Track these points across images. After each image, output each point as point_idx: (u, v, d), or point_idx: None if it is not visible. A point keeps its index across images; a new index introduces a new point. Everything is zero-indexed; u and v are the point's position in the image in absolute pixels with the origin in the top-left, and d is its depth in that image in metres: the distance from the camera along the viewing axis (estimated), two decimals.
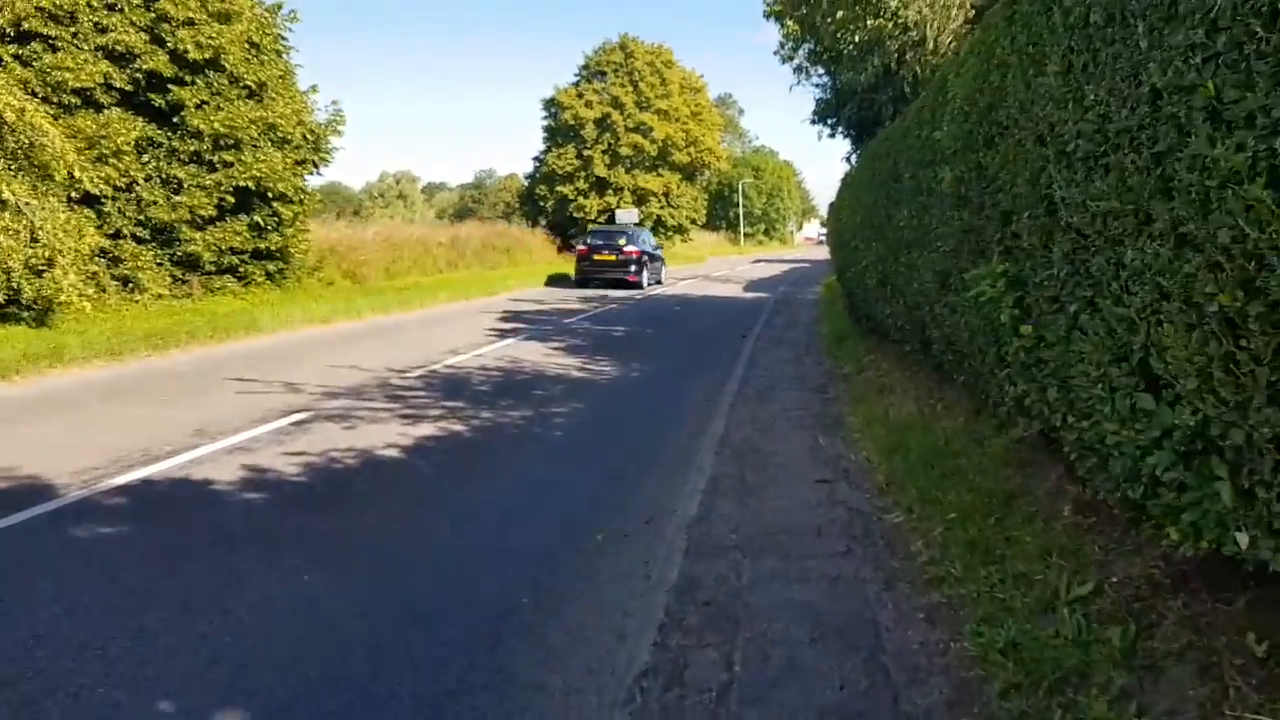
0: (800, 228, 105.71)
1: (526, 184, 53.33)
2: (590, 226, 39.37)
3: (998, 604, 3.54)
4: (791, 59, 18.86)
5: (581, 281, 28.91)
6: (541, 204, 49.19)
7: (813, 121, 21.06)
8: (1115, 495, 3.01)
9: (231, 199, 19.39)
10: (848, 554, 4.50)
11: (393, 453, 7.46)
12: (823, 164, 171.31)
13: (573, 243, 47.62)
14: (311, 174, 22.20)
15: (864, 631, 3.63)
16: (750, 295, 26.66)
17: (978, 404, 6.13)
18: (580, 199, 48.28)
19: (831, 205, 22.07)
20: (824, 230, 74.38)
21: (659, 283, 30.48)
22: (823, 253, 58.32)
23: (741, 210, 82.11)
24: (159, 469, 6.92)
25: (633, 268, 28.18)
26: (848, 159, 19.17)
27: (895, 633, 3.60)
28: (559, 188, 48.46)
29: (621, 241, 28.71)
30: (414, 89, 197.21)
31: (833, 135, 20.46)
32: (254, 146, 19.78)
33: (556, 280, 31.60)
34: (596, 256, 28.71)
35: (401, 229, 34.90)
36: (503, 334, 16.02)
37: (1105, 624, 3.05)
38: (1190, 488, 2.28)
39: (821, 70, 18.44)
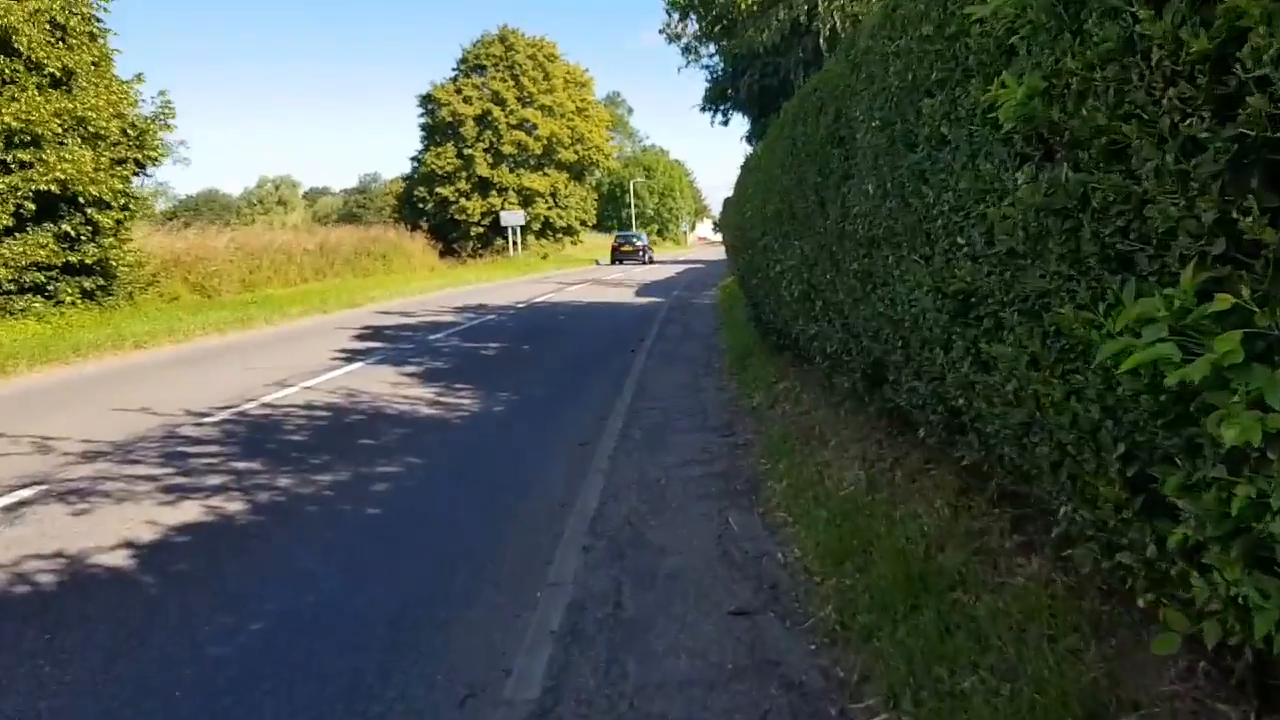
0: (693, 227, 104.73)
1: (403, 184, 50.31)
2: (616, 231, 63.09)
3: None
4: (679, 37, 16.84)
5: (614, 262, 48.41)
6: (421, 206, 46.38)
7: (704, 108, 19.06)
8: None
9: (32, 205, 16.31)
10: None
11: (118, 559, 5.12)
12: (715, 163, 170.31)
13: (456, 247, 45.11)
14: (136, 175, 19.20)
15: None
16: (643, 300, 24.67)
17: (963, 481, 4.14)
18: (462, 200, 45.67)
19: (727, 200, 20.23)
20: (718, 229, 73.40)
21: (651, 261, 49.94)
22: (717, 252, 57.17)
23: (634, 210, 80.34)
24: None
25: (641, 254, 49.24)
26: (749, 138, 17.15)
27: None
28: (439, 189, 45.73)
29: (635, 240, 52.00)
30: (295, 90, 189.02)
31: (726, 121, 18.54)
32: (59, 144, 16.76)
33: (600, 262, 49.72)
34: (623, 248, 49.87)
35: (261, 235, 31.68)
36: (351, 356, 13.55)
37: None
38: None
39: (713, 48, 16.45)
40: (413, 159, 49.25)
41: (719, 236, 71.30)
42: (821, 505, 4.81)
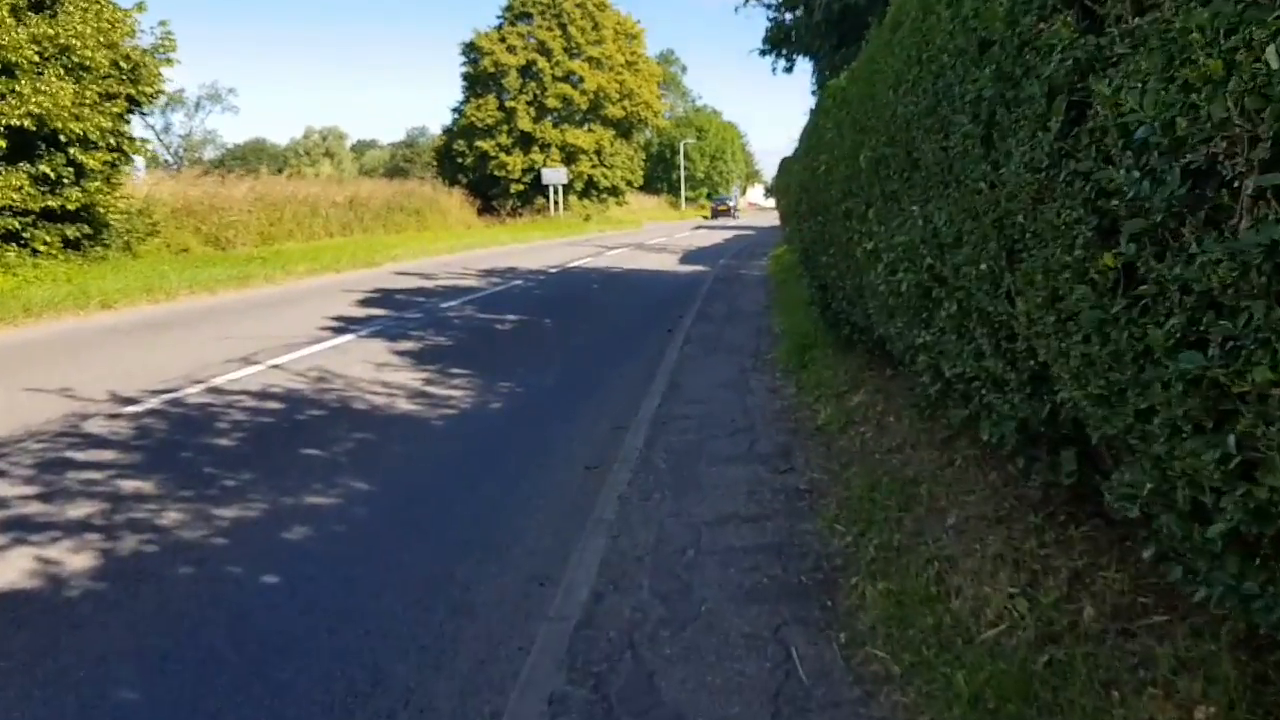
0: (744, 192, 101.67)
1: (444, 138, 48.36)
2: (714, 194, 78.66)
3: None
4: None
5: (713, 217, 64.03)
6: (460, 161, 44.41)
7: (764, 51, 16.73)
8: None
9: (2, 142, 14.63)
10: None
11: None
12: (769, 127, 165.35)
13: (494, 205, 43.24)
14: (129, 112, 17.47)
15: None
16: (686, 269, 22.59)
17: (1254, 661, 2.13)
18: (502, 155, 43.66)
19: (785, 160, 18.04)
20: (770, 195, 71.36)
21: (737, 215, 67.21)
22: (768, 219, 54.74)
23: (683, 173, 77.69)
24: None
25: (732, 212, 67.32)
26: (821, 75, 14.60)
27: None
28: (478, 143, 43.75)
29: (728, 201, 70.27)
30: (347, 40, 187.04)
31: (789, 66, 16.19)
32: (36, 74, 15.04)
33: (699, 225, 52.22)
34: (719, 208, 66.86)
35: (284, 186, 29.98)
36: (344, 327, 11.74)
37: None
38: None
39: None
40: (453, 110, 47.25)
41: (770, 202, 69.98)
42: (952, 654, 2.82)
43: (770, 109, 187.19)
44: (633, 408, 7.30)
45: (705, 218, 64.53)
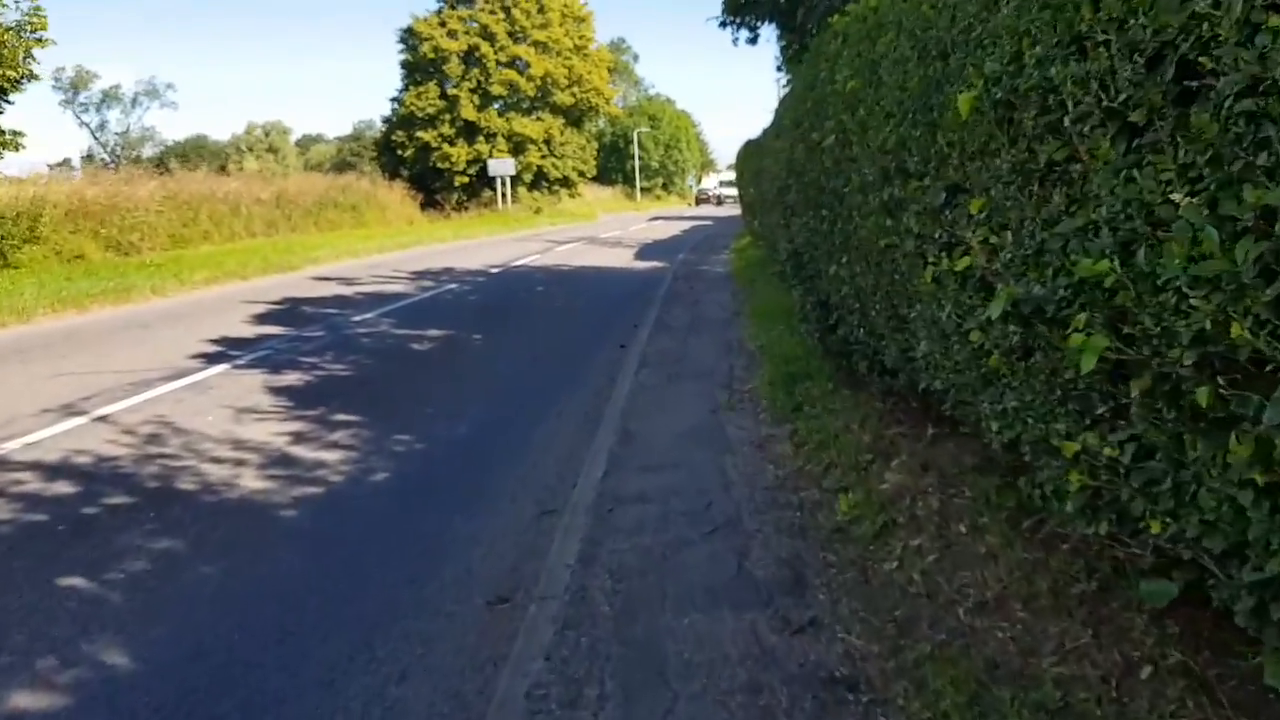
0: (700, 181, 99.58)
1: (382, 130, 45.58)
2: (698, 186, 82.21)
3: None
4: None
5: (698, 203, 71.68)
6: (400, 153, 41.78)
7: (723, 22, 14.68)
8: None
9: None
10: None
11: None
12: (724, 114, 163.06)
13: (438, 199, 40.87)
14: None
15: None
16: (643, 265, 20.53)
17: None
18: (445, 146, 41.15)
19: (749, 144, 16.05)
20: (721, 185, 71.48)
21: (720, 202, 66.91)
22: (724, 208, 52.57)
23: (637, 162, 75.36)
24: None
25: (713, 199, 70.12)
26: (791, 47, 12.56)
27: None
28: (419, 133, 41.19)
29: (711, 191, 73.55)
30: (287, 32, 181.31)
31: (753, 37, 14.14)
32: None
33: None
34: (700, 198, 72.93)
35: (199, 183, 27.33)
36: (222, 352, 9.53)
37: None
38: None
39: None
40: (392, 100, 44.53)
41: (727, 191, 69.25)
42: None
43: (724, 96, 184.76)
44: (569, 474, 5.32)
45: (689, 205, 73.51)
